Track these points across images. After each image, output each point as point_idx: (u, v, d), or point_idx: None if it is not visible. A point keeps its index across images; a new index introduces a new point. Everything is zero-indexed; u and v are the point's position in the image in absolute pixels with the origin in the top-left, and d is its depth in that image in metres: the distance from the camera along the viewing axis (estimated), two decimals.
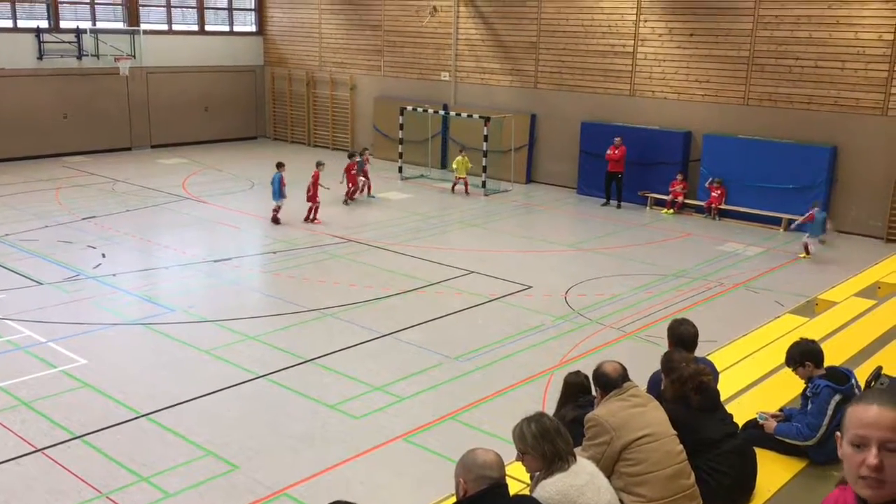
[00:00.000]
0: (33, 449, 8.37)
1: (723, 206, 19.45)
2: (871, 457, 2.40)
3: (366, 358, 10.97)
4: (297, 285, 14.08)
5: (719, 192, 19.44)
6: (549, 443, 4.08)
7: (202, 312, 12.52)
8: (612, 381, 5.06)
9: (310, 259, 15.56)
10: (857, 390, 5.70)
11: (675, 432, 4.97)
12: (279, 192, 17.79)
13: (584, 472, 4.14)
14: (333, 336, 11.67)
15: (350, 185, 20.09)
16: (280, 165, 18.17)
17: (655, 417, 4.94)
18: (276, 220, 17.86)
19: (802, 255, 16.36)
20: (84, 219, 17.86)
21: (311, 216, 18.12)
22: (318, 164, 18.63)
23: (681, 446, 4.92)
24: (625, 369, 5.19)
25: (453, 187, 21.80)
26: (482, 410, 9.51)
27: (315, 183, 18.14)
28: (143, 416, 9.14)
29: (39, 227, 17.00)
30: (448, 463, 8.18)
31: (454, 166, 21.78)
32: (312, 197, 18.10)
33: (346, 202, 19.90)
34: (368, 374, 10.37)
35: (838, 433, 2.57)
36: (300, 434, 8.86)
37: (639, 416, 4.87)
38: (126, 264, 14.92)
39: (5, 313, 12.10)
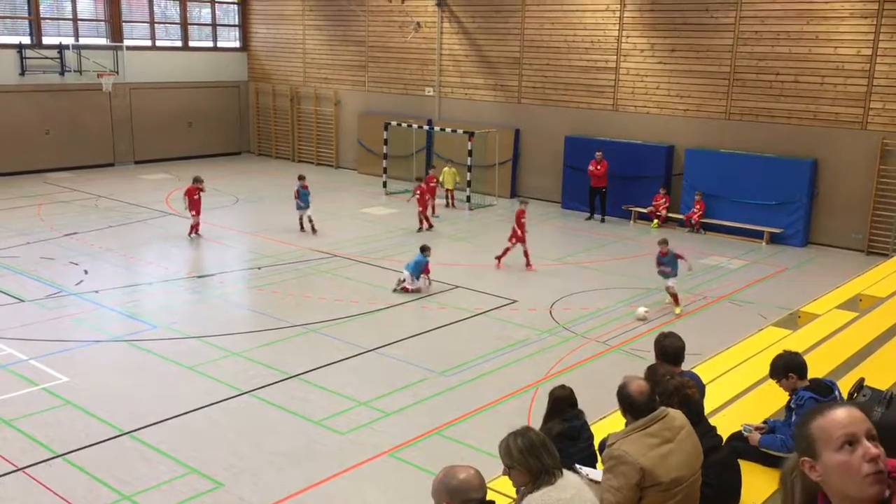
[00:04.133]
0: (14, 468, 8.28)
1: (704, 220, 19.56)
2: (870, 447, 2.34)
3: (351, 373, 10.93)
4: (282, 301, 14.03)
5: (699, 205, 19.59)
6: (535, 457, 4.06)
7: (185, 329, 12.45)
8: (636, 405, 4.75)
9: (294, 274, 15.51)
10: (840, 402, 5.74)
11: (702, 460, 4.79)
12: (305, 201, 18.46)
13: (570, 485, 4.13)
14: (318, 351, 11.62)
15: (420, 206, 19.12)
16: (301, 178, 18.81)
17: (684, 454, 4.69)
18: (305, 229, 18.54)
19: (678, 309, 13.57)
20: (66, 235, 17.74)
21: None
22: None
23: (700, 482, 4.79)
24: (652, 390, 4.88)
25: (447, 201, 21.78)
26: (468, 425, 9.50)
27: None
28: (125, 433, 9.06)
29: (21, 244, 16.87)
30: (433, 478, 8.16)
31: (441, 178, 21.81)
32: None
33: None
34: (354, 390, 10.33)
35: (805, 459, 2.45)
36: (285, 451, 8.81)
37: (668, 456, 4.61)
38: (109, 281, 14.82)
39: None
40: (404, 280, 14.46)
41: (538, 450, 4.07)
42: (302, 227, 18.47)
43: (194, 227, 17.78)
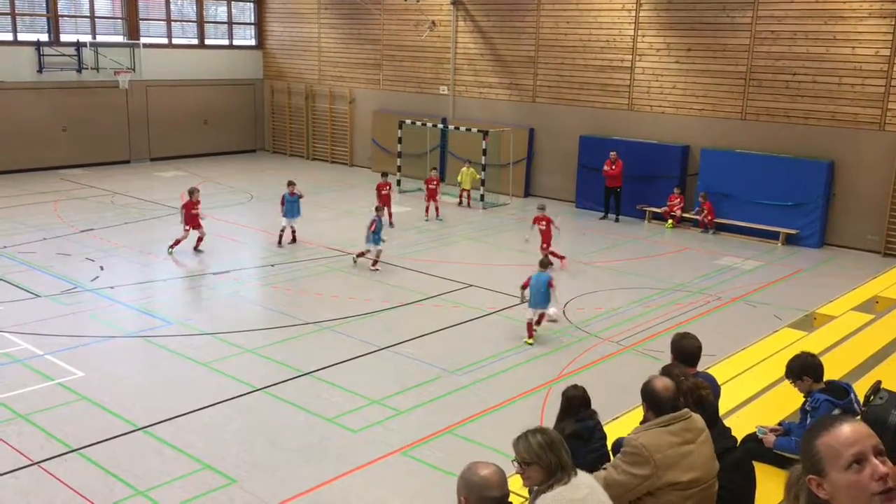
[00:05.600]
0: (30, 462, 8.34)
1: (719, 220, 19.45)
2: (879, 466, 2.31)
3: (364, 371, 10.95)
4: (296, 298, 14.07)
5: (707, 206, 19.55)
6: (554, 454, 4.04)
7: (200, 325, 12.50)
8: (660, 402, 4.74)
9: (308, 272, 15.55)
10: (855, 405, 5.70)
11: (717, 468, 4.77)
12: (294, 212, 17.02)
13: (583, 485, 4.11)
14: (331, 349, 11.65)
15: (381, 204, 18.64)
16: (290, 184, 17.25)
17: (702, 457, 4.68)
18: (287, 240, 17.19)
19: (528, 340, 12.06)
20: (82, 231, 17.86)
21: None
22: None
23: (716, 486, 4.77)
24: (677, 388, 4.86)
25: (460, 200, 21.82)
26: (480, 424, 9.49)
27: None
28: (140, 429, 9.11)
29: (38, 240, 16.99)
30: (446, 477, 8.17)
31: (459, 178, 21.84)
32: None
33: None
34: (366, 388, 10.35)
35: (812, 477, 2.42)
36: (298, 448, 8.83)
37: (688, 456, 4.60)
38: (124, 277, 14.90)
39: (3, 326, 12.08)
40: (374, 253, 15.48)
41: (558, 447, 4.06)
42: (280, 243, 16.98)
43: (199, 240, 16.47)
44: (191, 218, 16.35)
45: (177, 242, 16.29)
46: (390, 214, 18.99)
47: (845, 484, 2.34)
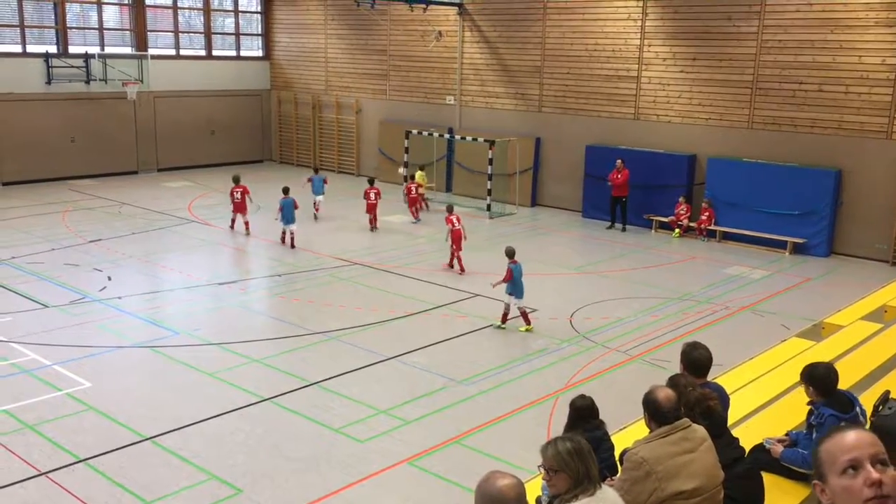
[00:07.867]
0: (37, 472, 8.35)
1: (725, 230, 19.43)
2: (872, 473, 2.35)
3: (370, 381, 10.94)
4: (302, 308, 14.08)
5: (708, 213, 19.52)
6: (582, 462, 3.98)
7: (207, 335, 12.52)
8: (661, 411, 4.78)
9: (315, 282, 15.57)
10: (861, 417, 5.68)
11: (722, 477, 4.77)
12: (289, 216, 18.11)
13: (608, 499, 4.05)
14: (338, 359, 11.65)
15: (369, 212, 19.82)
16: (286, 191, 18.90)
17: (704, 465, 4.68)
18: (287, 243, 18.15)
19: (524, 328, 12.97)
20: (90, 242, 17.92)
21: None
22: (407, 178, 20.57)
23: (722, 494, 4.77)
24: (678, 399, 4.90)
25: (427, 205, 22.20)
26: (487, 434, 9.47)
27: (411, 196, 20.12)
28: (147, 439, 9.12)
29: (46, 250, 17.06)
30: (453, 487, 8.16)
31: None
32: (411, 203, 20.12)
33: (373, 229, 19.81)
34: (373, 398, 10.34)
35: (816, 482, 2.47)
36: (305, 458, 8.83)
37: (688, 464, 4.60)
38: (131, 287, 14.94)
39: (11, 336, 12.12)
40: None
41: (586, 456, 4.01)
42: (283, 241, 18.11)
43: (246, 224, 19.07)
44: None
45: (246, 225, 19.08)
46: (374, 218, 19.90)
47: (840, 489, 2.39)
